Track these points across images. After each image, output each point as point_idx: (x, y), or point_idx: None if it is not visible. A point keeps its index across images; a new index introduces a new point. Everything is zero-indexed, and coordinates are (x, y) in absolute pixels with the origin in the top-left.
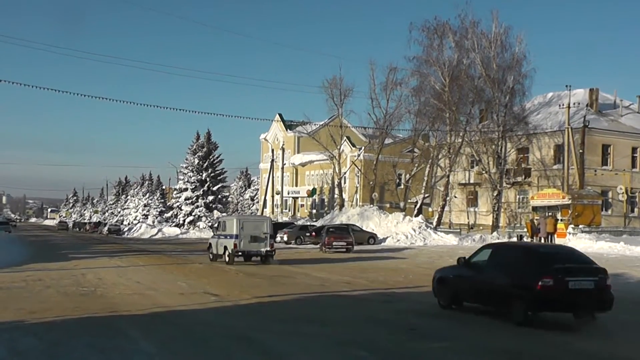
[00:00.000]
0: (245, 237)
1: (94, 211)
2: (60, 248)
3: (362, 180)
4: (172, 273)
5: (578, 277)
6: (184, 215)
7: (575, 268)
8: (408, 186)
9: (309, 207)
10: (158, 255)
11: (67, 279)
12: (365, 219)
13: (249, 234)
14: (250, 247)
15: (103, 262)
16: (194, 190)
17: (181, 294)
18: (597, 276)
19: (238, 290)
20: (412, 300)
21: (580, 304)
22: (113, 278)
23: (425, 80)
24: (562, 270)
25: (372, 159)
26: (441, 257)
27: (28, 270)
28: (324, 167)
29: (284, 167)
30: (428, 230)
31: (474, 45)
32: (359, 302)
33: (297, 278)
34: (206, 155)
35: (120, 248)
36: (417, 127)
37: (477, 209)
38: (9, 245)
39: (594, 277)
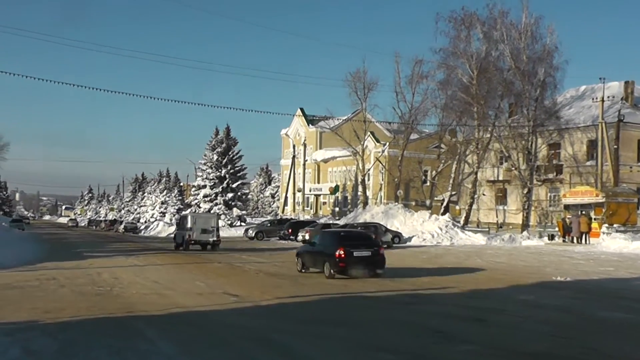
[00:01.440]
0: (197, 229)
1: (109, 209)
2: (75, 246)
3: (386, 177)
4: (191, 272)
5: (360, 249)
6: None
7: (358, 244)
8: (434, 183)
9: (331, 205)
10: (176, 254)
11: (82, 278)
12: (389, 218)
13: (200, 227)
14: (201, 237)
15: (119, 261)
16: (212, 187)
17: (200, 294)
18: (373, 249)
19: (258, 291)
20: (438, 302)
21: (362, 264)
22: (130, 277)
23: (453, 73)
24: (350, 245)
25: (397, 155)
26: (469, 257)
27: (42, 269)
28: (347, 164)
29: (306, 163)
30: (455, 230)
31: (503, 36)
32: (383, 303)
33: (320, 278)
34: (225, 151)
35: (137, 247)
36: (444, 122)
37: (507, 207)
38: (22, 243)
39: (371, 249)
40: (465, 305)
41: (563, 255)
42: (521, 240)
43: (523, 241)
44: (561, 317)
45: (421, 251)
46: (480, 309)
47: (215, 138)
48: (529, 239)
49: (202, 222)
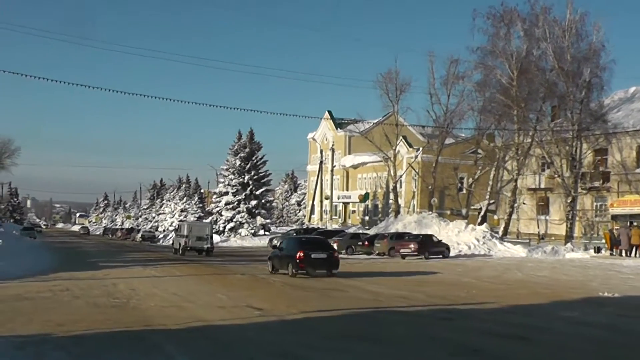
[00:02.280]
0: (193, 237)
1: (126, 216)
2: (89, 256)
3: (419, 185)
4: (212, 284)
5: (317, 252)
6: (224, 221)
7: (316, 247)
8: (471, 191)
9: (361, 214)
10: (196, 265)
11: (97, 289)
12: (423, 227)
13: (195, 235)
14: (196, 244)
15: (136, 271)
16: (235, 194)
17: (221, 307)
18: (328, 252)
19: (284, 304)
20: (476, 318)
21: (318, 265)
22: (147, 289)
23: (491, 73)
24: (308, 249)
25: (431, 160)
26: (508, 269)
27: (55, 280)
28: (377, 170)
29: (334, 169)
30: (493, 241)
31: (545, 34)
32: (417, 318)
33: (349, 291)
34: (249, 156)
35: (155, 256)
36: (481, 126)
37: (549, 217)
38: (34, 253)
39: (327, 252)
40: (506, 322)
41: (610, 269)
42: (564, 253)
43: (567, 254)
44: (608, 335)
45: (456, 263)
46: (521, 325)
47: (238, 142)
48: (573, 252)
49: (197, 230)
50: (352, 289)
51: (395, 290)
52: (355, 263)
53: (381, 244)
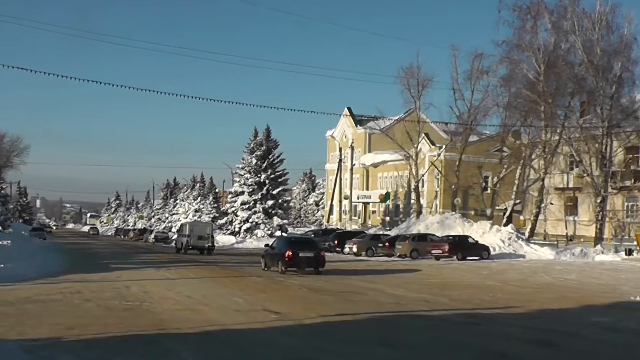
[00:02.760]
0: (195, 236)
1: (138, 217)
2: (101, 257)
3: (442, 184)
4: (227, 287)
5: (304, 251)
6: (239, 221)
7: (304, 247)
8: (496, 190)
9: (381, 214)
10: (211, 267)
11: (109, 292)
12: (446, 228)
13: (197, 234)
14: (197, 243)
15: (149, 273)
16: (251, 194)
17: (237, 311)
18: (315, 251)
19: (301, 308)
20: (501, 323)
21: (306, 263)
22: (160, 291)
23: (517, 67)
24: (297, 248)
25: (454, 159)
26: (535, 273)
27: (65, 282)
28: (398, 169)
29: (353, 168)
30: (519, 242)
31: (574, 26)
32: (440, 323)
33: (369, 295)
34: (265, 155)
35: (169, 258)
36: (507, 123)
37: (577, 218)
38: (43, 254)
39: (314, 251)
40: (532, 327)
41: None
42: (594, 255)
43: (596, 256)
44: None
45: (481, 266)
46: (549, 330)
47: (254, 140)
48: (602, 254)
49: (199, 229)
50: (372, 292)
51: (417, 293)
52: (375, 265)
53: (403, 245)
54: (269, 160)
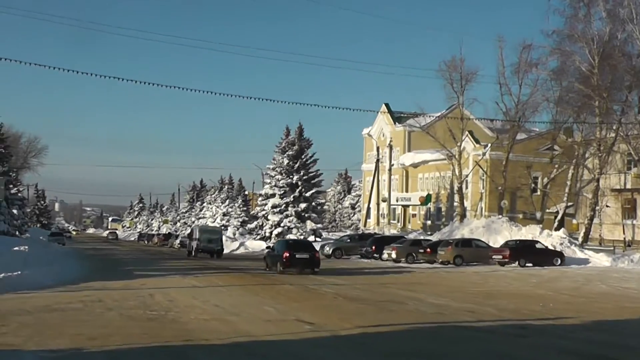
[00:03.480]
0: (204, 240)
1: (163, 221)
2: (123, 264)
3: (488, 185)
4: (258, 295)
5: (301, 252)
6: (270, 226)
7: (300, 248)
8: (546, 192)
9: (422, 218)
10: (240, 274)
11: (132, 301)
12: (492, 233)
13: (206, 238)
14: (207, 247)
15: (175, 281)
16: (282, 196)
17: (268, 321)
18: (311, 253)
19: (337, 318)
20: (554, 335)
21: (302, 264)
22: (187, 300)
23: (569, 59)
24: (294, 249)
25: (500, 158)
26: (589, 281)
27: (86, 290)
28: (440, 169)
29: (392, 168)
30: (572, 248)
31: (631, 14)
32: (486, 335)
33: (409, 304)
34: (298, 155)
35: (196, 264)
36: (558, 119)
37: (636, 222)
38: (63, 260)
39: (310, 253)
40: (588, 340)
41: None
42: None
43: None
44: None
45: (530, 273)
46: (606, 344)
47: (285, 139)
48: None
49: (208, 233)
50: (412, 301)
51: (461, 303)
52: (415, 272)
53: (445, 251)
54: (301, 161)
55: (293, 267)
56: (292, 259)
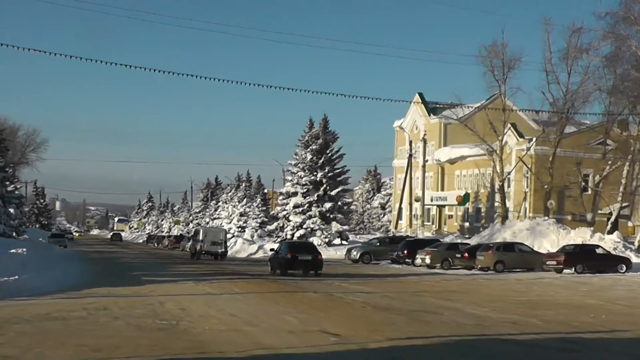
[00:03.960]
0: (208, 242)
1: (174, 222)
2: (131, 268)
3: (532, 183)
4: (278, 303)
5: (303, 254)
6: (292, 227)
7: (302, 250)
8: (598, 192)
9: (459, 219)
10: (259, 280)
11: (141, 309)
12: (537, 236)
13: (210, 240)
14: (211, 249)
15: (187, 287)
16: (305, 195)
17: (290, 332)
18: (313, 254)
19: (366, 329)
20: (608, 350)
21: (304, 265)
22: (200, 309)
23: (624, 44)
24: (295, 251)
25: (547, 153)
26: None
27: (90, 296)
28: (480, 165)
29: (426, 164)
30: (627, 253)
31: None
32: (531, 349)
33: (445, 315)
34: (322, 149)
35: (210, 270)
36: (612, 110)
37: None
38: (65, 264)
39: (312, 254)
40: None
41: None
42: None
43: None
44: None
45: (580, 281)
46: None
47: (308, 132)
48: None
49: (212, 235)
50: (448, 311)
51: (503, 313)
52: (452, 279)
53: (485, 256)
54: (326, 156)
55: (295, 269)
56: (294, 261)
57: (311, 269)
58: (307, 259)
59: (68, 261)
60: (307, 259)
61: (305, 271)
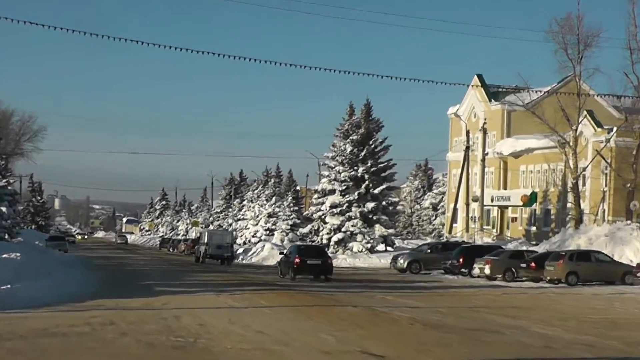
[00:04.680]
0: (213, 245)
1: (192, 223)
2: (141, 276)
3: (612, 181)
4: (312, 319)
5: (312, 258)
6: (329, 231)
7: (311, 254)
8: None
9: (524, 223)
10: (290, 292)
11: (153, 324)
12: (617, 244)
13: (216, 243)
14: (216, 252)
15: (207, 299)
16: (344, 193)
17: (326, 353)
18: (323, 258)
19: (414, 350)
20: None
21: (314, 270)
22: (222, 324)
23: None
24: (305, 254)
25: (630, 146)
26: None
27: (94, 309)
28: (549, 160)
29: (486, 158)
30: None
31: None
32: None
33: (507, 334)
34: (364, 140)
35: (233, 279)
36: None
37: None
38: (65, 271)
39: (321, 258)
40: None
41: None
42: None
43: None
44: None
45: None
46: None
47: (349, 120)
48: None
49: (218, 238)
50: (511, 330)
51: (576, 334)
52: (515, 293)
53: (555, 266)
54: (369, 148)
55: (304, 274)
56: (304, 265)
57: (321, 273)
58: (316, 264)
59: (69, 268)
60: (317, 264)
61: (316, 276)
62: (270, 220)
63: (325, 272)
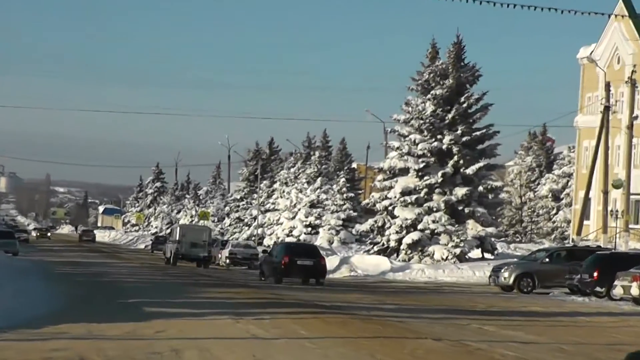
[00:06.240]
0: (186, 243)
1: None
2: (125, 291)
3: None
4: (374, 357)
5: (302, 258)
6: (398, 229)
7: (302, 253)
8: None
9: None
10: (340, 316)
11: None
12: None
13: (189, 240)
14: (190, 252)
15: (220, 325)
16: (423, 173)
17: None
18: (315, 259)
19: None
20: None
21: (304, 272)
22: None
23: None
24: (294, 254)
25: None
26: None
27: (56, 338)
28: None
29: (634, 125)
30: None
31: None
32: None
33: None
34: (452, 96)
35: (258, 297)
36: None
37: None
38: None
39: (313, 259)
40: None
41: None
42: None
43: None
44: None
45: None
46: None
47: (429, 66)
48: None
49: (192, 235)
50: None
51: None
52: None
53: None
54: (459, 108)
55: (292, 276)
56: (292, 267)
57: (311, 276)
58: (307, 265)
59: (20, 278)
60: (308, 265)
61: (305, 280)
62: (314, 212)
63: (317, 275)
